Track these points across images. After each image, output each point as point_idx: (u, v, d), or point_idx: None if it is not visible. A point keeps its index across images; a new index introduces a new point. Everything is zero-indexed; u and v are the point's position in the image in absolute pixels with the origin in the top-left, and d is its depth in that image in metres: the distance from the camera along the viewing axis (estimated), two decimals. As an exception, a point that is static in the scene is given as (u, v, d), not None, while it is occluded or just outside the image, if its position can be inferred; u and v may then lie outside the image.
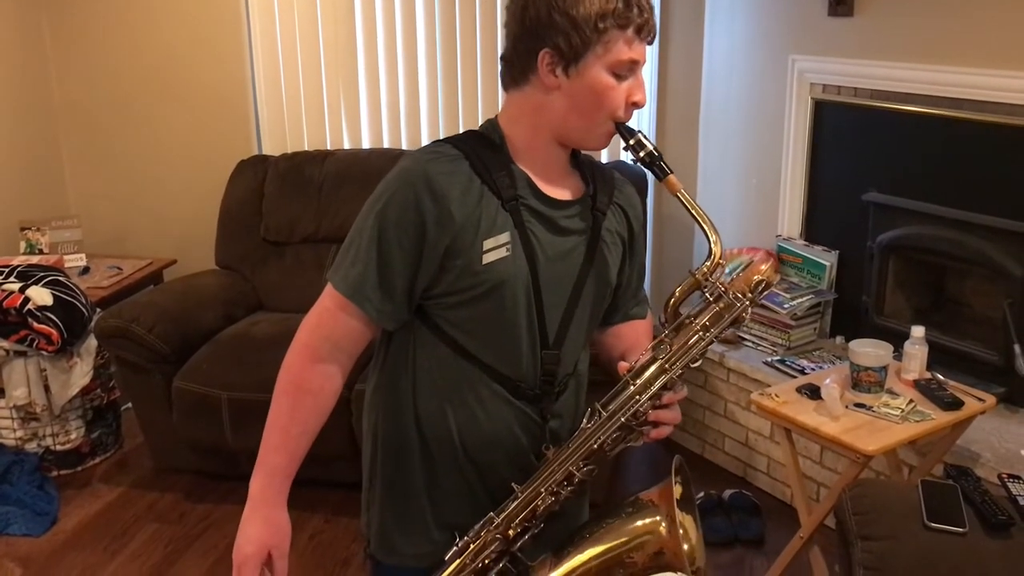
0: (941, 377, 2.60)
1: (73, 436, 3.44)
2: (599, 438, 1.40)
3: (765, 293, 1.42)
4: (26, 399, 3.29)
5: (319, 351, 1.42)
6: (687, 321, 1.41)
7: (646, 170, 1.42)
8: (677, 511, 1.38)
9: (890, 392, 2.54)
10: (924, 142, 3.02)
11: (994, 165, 2.82)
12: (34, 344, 3.24)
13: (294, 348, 1.44)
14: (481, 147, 1.43)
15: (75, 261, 3.97)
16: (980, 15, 2.79)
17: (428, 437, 1.46)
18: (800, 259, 3.44)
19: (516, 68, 1.42)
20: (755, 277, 1.40)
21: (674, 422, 1.44)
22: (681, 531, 1.39)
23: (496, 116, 1.48)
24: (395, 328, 1.46)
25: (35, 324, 3.21)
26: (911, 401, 2.48)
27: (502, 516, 1.40)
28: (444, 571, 1.40)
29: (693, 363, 1.40)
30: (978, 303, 3.13)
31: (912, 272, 3.23)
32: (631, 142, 1.40)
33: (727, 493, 3.18)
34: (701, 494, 3.17)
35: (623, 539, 1.38)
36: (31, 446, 3.39)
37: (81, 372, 3.37)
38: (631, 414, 1.39)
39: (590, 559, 1.38)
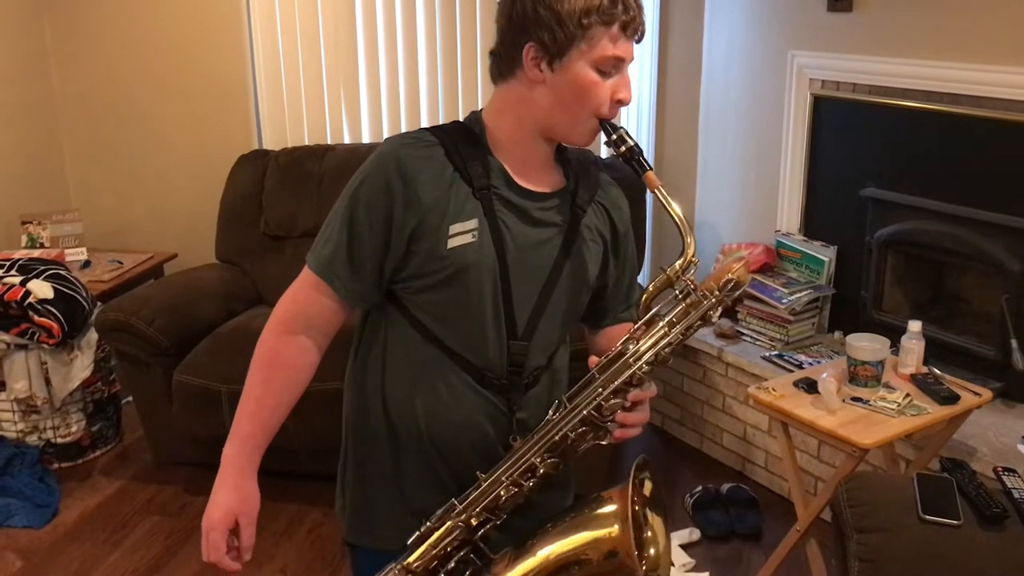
0: (938, 372, 2.60)
1: (74, 429, 3.45)
2: (561, 430, 1.39)
3: (735, 293, 1.39)
4: (27, 392, 3.31)
5: (293, 326, 1.47)
6: (657, 318, 1.40)
7: (627, 165, 1.43)
8: (646, 512, 1.37)
9: (887, 386, 2.54)
10: (923, 138, 3.03)
11: (992, 161, 2.83)
12: (35, 337, 3.25)
13: (270, 323, 1.49)
14: (459, 136, 1.46)
15: (76, 255, 3.98)
16: (978, 11, 2.79)
17: (395, 422, 1.48)
18: (799, 254, 3.45)
19: (503, 62, 1.44)
20: (725, 276, 1.39)
21: (640, 423, 1.42)
22: (649, 533, 1.38)
23: (482, 108, 1.50)
24: (365, 308, 1.50)
25: (36, 317, 3.23)
26: (908, 395, 2.49)
27: (464, 504, 1.41)
28: (408, 556, 1.41)
29: (661, 360, 1.39)
30: (976, 298, 3.13)
31: (910, 267, 3.24)
32: (613, 137, 1.41)
33: (725, 487, 3.19)
34: (699, 488, 3.19)
35: (580, 537, 1.36)
36: (32, 439, 3.40)
37: (82, 365, 3.38)
38: (593, 407, 1.38)
39: (548, 556, 1.36)
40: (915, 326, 2.63)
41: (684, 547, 2.96)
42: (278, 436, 3.43)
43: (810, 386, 2.54)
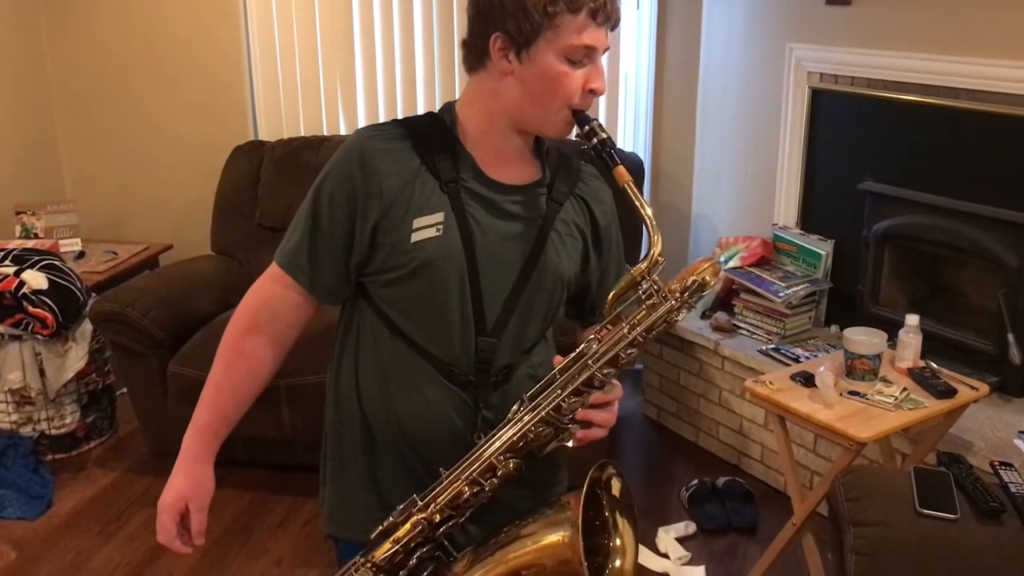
0: (935, 365, 2.60)
1: (68, 420, 3.44)
2: (521, 431, 1.36)
3: (700, 296, 1.35)
4: (21, 383, 3.29)
5: (257, 318, 1.47)
6: (620, 318, 1.36)
7: (596, 158, 1.38)
8: (616, 517, 1.35)
9: (884, 380, 2.54)
10: (921, 131, 3.02)
11: (991, 155, 2.82)
12: (29, 328, 3.23)
13: (237, 312, 1.49)
14: (429, 128, 1.43)
15: (71, 245, 3.97)
16: (977, 4, 2.78)
17: (368, 415, 1.47)
18: (796, 248, 3.45)
19: (473, 52, 1.41)
20: (691, 277, 1.34)
21: (604, 424, 1.38)
22: (618, 540, 1.35)
23: (456, 99, 1.48)
24: (332, 302, 1.48)
25: (30, 308, 3.21)
26: (905, 389, 2.49)
27: (424, 499, 1.38)
28: (373, 551, 1.39)
29: (623, 361, 1.35)
30: (973, 292, 3.13)
31: (907, 261, 3.24)
32: (584, 129, 1.37)
33: (721, 481, 3.19)
34: (695, 481, 3.19)
35: (536, 543, 1.33)
36: (26, 430, 3.39)
37: (76, 356, 3.36)
38: (552, 408, 1.35)
39: (506, 558, 1.34)
40: (912, 320, 2.63)
41: (680, 540, 2.96)
42: (274, 428, 3.43)
43: (807, 380, 2.53)
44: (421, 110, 3.97)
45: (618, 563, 1.35)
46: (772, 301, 3.28)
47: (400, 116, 4.00)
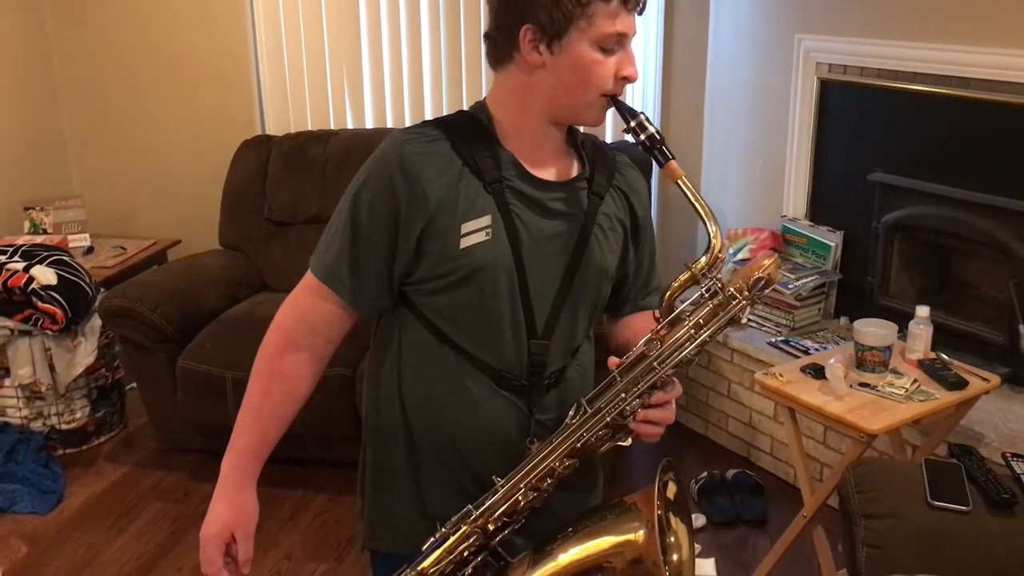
0: (946, 357, 2.59)
1: (78, 415, 3.45)
2: (583, 436, 1.34)
3: (765, 292, 1.33)
4: (31, 378, 3.30)
5: (294, 334, 1.41)
6: (682, 317, 1.34)
7: (647, 154, 1.36)
8: (669, 516, 1.33)
9: (894, 372, 2.53)
10: (930, 121, 3.01)
11: (1001, 145, 2.81)
12: (39, 323, 3.24)
13: (271, 330, 1.43)
14: (466, 128, 1.39)
15: (79, 241, 3.97)
16: (988, -7, 2.77)
17: (413, 425, 1.43)
18: (805, 239, 3.43)
19: (499, 47, 1.37)
20: (755, 274, 1.32)
21: (665, 422, 1.36)
22: (672, 538, 1.34)
23: (485, 98, 1.44)
24: (373, 313, 1.44)
25: (39, 303, 3.22)
26: (915, 381, 2.48)
27: (480, 509, 1.35)
28: (422, 561, 1.36)
29: (686, 362, 1.33)
30: (983, 283, 3.12)
31: (917, 252, 3.22)
32: (632, 124, 1.34)
33: (730, 473, 3.19)
34: (704, 474, 3.18)
35: (603, 544, 1.31)
36: (36, 425, 3.40)
37: (85, 351, 3.37)
38: (617, 413, 1.33)
39: (569, 561, 1.31)
40: (923, 311, 2.61)
41: (689, 533, 2.96)
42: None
43: (817, 372, 2.53)
44: (428, 102, 3.97)
45: (676, 557, 1.34)
46: (781, 293, 3.27)
47: (407, 108, 4.03)
